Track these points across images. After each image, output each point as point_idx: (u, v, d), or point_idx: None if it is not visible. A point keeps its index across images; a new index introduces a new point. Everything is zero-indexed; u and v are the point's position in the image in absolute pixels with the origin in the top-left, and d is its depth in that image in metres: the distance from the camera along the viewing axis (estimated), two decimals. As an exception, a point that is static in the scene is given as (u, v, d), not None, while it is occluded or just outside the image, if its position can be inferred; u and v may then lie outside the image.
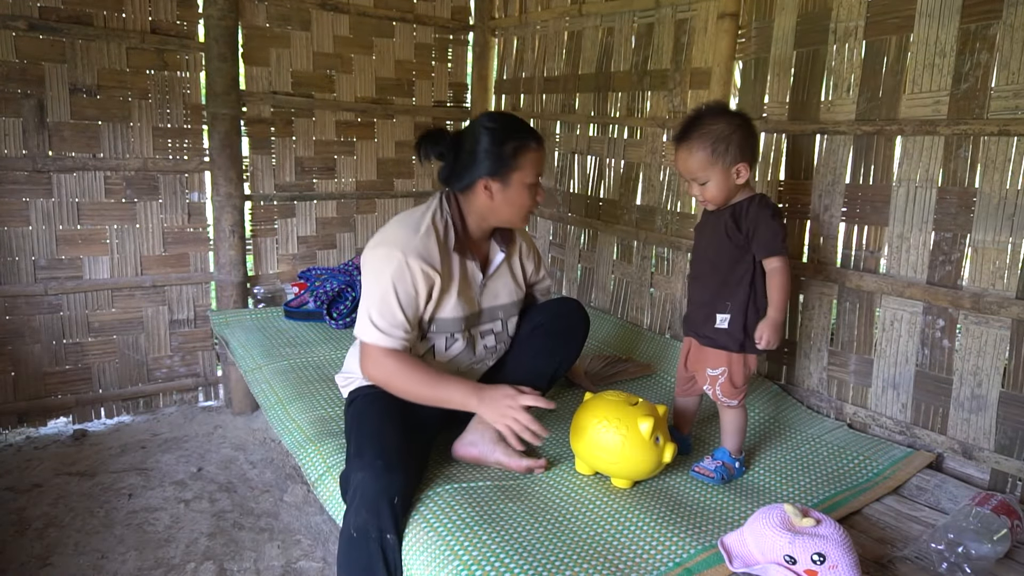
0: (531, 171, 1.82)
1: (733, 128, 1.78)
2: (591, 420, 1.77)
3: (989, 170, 1.94)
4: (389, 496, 1.56)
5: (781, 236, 1.79)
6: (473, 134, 1.82)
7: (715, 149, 1.77)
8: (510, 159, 1.79)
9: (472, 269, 1.93)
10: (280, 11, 3.32)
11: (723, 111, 1.85)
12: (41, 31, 2.80)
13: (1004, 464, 1.96)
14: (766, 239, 1.78)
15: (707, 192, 1.82)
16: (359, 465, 1.58)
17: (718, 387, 1.89)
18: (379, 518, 1.55)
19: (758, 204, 1.82)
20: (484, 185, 1.81)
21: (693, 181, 1.83)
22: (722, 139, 1.77)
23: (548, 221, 3.62)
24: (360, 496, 1.56)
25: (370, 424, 1.74)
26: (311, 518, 2.43)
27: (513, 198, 1.83)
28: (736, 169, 1.79)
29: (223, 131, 3.18)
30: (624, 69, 3.07)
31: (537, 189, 1.86)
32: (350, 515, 1.58)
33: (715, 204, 1.86)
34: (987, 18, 1.93)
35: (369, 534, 1.55)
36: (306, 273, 3.30)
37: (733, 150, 1.78)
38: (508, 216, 1.88)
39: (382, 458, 1.58)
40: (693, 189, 1.85)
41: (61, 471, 2.67)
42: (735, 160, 1.78)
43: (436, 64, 3.84)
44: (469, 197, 1.86)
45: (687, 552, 1.53)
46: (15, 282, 2.91)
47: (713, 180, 1.80)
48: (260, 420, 3.14)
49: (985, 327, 1.98)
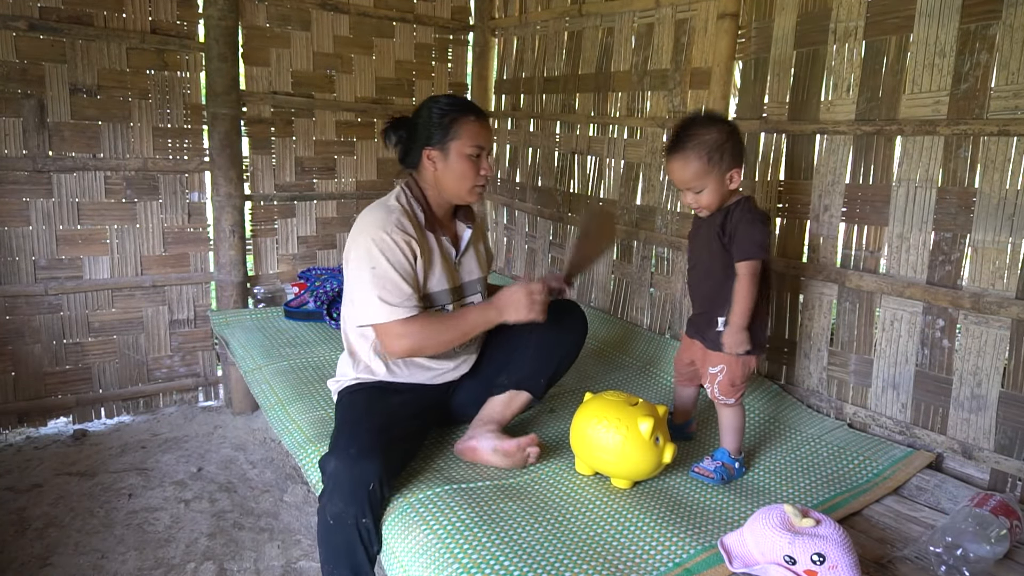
0: (468, 141, 1.88)
1: (725, 136, 1.81)
2: (591, 420, 1.77)
3: (989, 170, 1.94)
4: (364, 483, 1.58)
5: (758, 242, 1.80)
6: (419, 112, 1.94)
7: (711, 158, 1.79)
8: (448, 128, 1.88)
9: (446, 245, 1.99)
10: (280, 11, 3.32)
11: (712, 119, 1.87)
12: (41, 31, 2.81)
13: (1004, 464, 1.96)
14: (742, 243, 1.81)
15: (702, 199, 1.85)
16: (334, 454, 1.62)
17: (716, 384, 1.90)
18: (353, 505, 1.58)
19: (743, 208, 1.85)
20: (427, 155, 1.91)
21: (688, 190, 1.85)
22: (716, 148, 1.79)
23: (548, 221, 3.62)
24: (335, 484, 1.59)
25: (350, 416, 1.80)
26: (311, 518, 2.43)
27: (454, 167, 1.89)
28: (730, 175, 1.82)
29: (223, 131, 3.19)
30: (624, 69, 3.07)
31: (480, 162, 1.91)
32: (325, 502, 1.61)
33: (710, 210, 1.88)
34: (987, 18, 1.93)
35: (345, 521, 1.59)
36: (306, 273, 3.30)
37: (727, 158, 1.81)
38: (453, 188, 1.92)
39: (355, 446, 1.61)
40: (687, 197, 1.87)
41: (61, 471, 2.67)
42: (729, 167, 1.82)
43: (436, 64, 3.84)
44: (421, 173, 1.96)
45: (687, 552, 1.53)
46: (15, 282, 2.91)
47: (708, 188, 1.82)
48: (260, 420, 3.14)
49: (985, 327, 1.98)
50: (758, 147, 2.55)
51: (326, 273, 3.25)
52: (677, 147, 1.83)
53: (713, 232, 1.87)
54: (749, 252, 1.80)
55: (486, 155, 1.93)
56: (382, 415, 1.77)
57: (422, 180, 1.96)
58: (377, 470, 1.60)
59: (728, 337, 1.82)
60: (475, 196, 1.96)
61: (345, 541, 1.61)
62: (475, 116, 1.91)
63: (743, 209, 1.84)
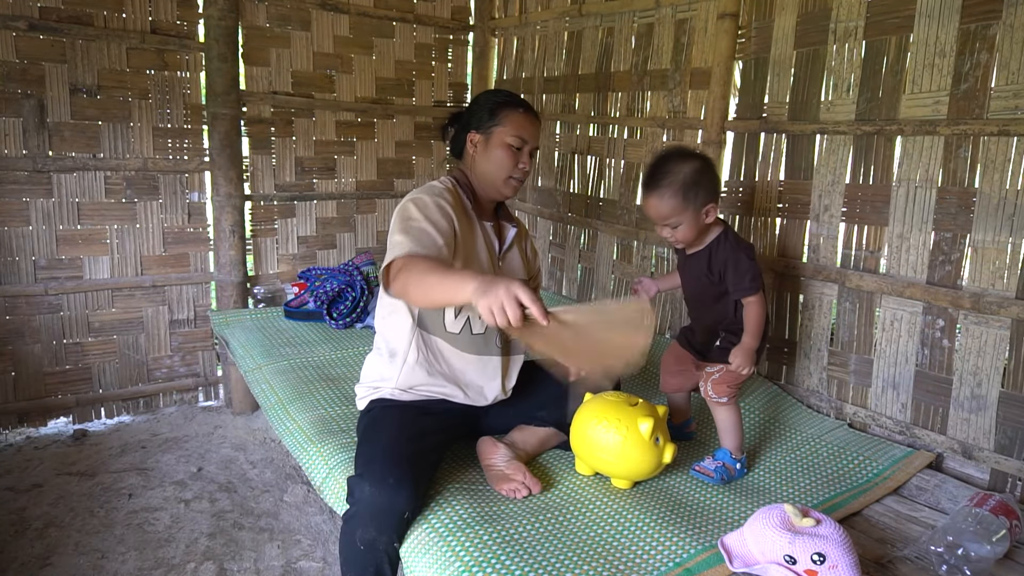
0: (512, 129, 1.86)
1: (700, 171, 1.84)
2: (591, 420, 1.77)
3: (989, 170, 1.94)
4: (399, 512, 1.56)
5: (750, 276, 1.84)
6: (474, 100, 1.99)
7: (686, 195, 1.82)
8: (495, 114, 1.88)
9: (490, 235, 1.95)
10: (280, 11, 3.32)
11: (687, 155, 1.88)
12: (41, 31, 2.80)
13: (1004, 464, 1.96)
14: (736, 283, 1.86)
15: (678, 234, 1.88)
16: (369, 481, 1.56)
17: (710, 383, 1.92)
18: (387, 534, 1.56)
19: (725, 245, 1.88)
20: (471, 139, 1.91)
21: (665, 225, 1.88)
22: (691, 184, 1.81)
23: (548, 221, 3.62)
24: (369, 512, 1.55)
25: (384, 435, 1.72)
26: (311, 518, 2.43)
27: (493, 153, 1.87)
28: (706, 210, 1.85)
29: (223, 131, 3.18)
30: (624, 69, 3.07)
31: (520, 155, 1.89)
32: (356, 527, 1.57)
33: (686, 243, 1.92)
34: (987, 18, 1.93)
35: (377, 547, 1.56)
36: (306, 273, 3.30)
37: (703, 193, 1.83)
38: (489, 175, 1.89)
39: (393, 475, 1.56)
40: (663, 231, 1.90)
41: (61, 471, 2.67)
42: (705, 202, 1.84)
43: (436, 64, 3.84)
44: (466, 161, 1.95)
45: (687, 552, 1.53)
46: (15, 282, 2.91)
47: (685, 223, 1.85)
48: (260, 420, 3.14)
49: (985, 327, 1.98)
50: (758, 147, 2.55)
51: (326, 273, 3.25)
52: (652, 184, 1.85)
53: (701, 271, 1.92)
54: (747, 290, 1.85)
55: (528, 151, 1.90)
56: (417, 441, 1.71)
57: (467, 169, 1.96)
58: (413, 500, 1.58)
59: (737, 357, 1.84)
60: (510, 189, 1.92)
61: (375, 565, 1.59)
62: (524, 109, 1.91)
63: (725, 246, 1.88)
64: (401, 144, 3.78)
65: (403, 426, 1.75)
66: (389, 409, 1.83)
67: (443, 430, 1.83)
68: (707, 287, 1.93)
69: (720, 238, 1.90)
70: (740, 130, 2.61)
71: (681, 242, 1.91)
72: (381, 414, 1.82)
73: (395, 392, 1.88)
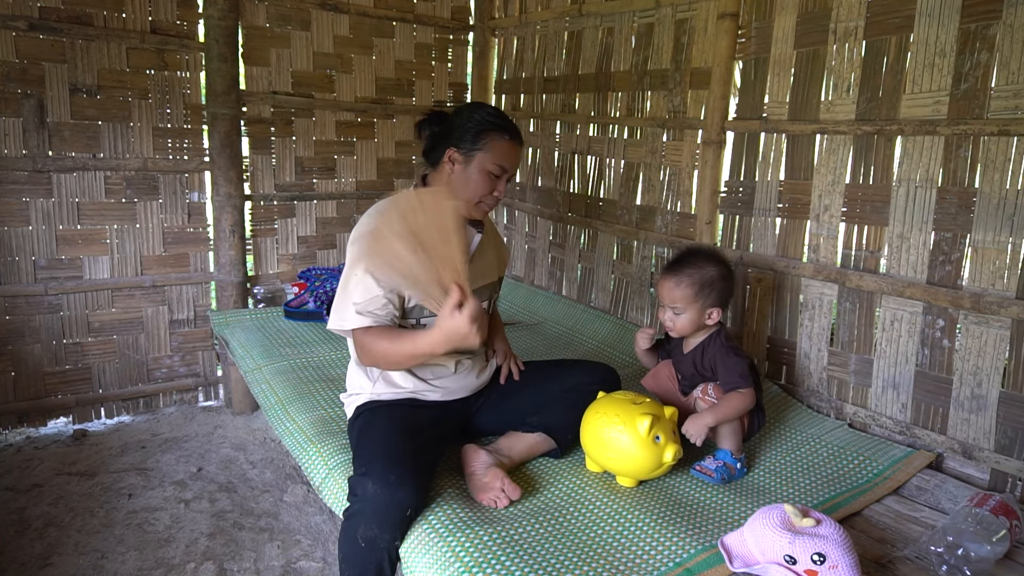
0: (494, 158, 1.82)
1: (720, 277, 1.95)
2: (597, 417, 1.79)
3: (989, 170, 1.94)
4: (402, 510, 1.56)
5: (737, 372, 1.91)
6: (459, 112, 1.90)
7: (700, 291, 1.93)
8: (479, 138, 1.83)
9: None
10: (280, 11, 3.32)
11: (715, 257, 2.00)
12: (41, 31, 2.80)
13: (1004, 464, 1.96)
14: (725, 377, 1.92)
15: (678, 322, 1.97)
16: (371, 479, 1.56)
17: (710, 387, 1.95)
18: (389, 531, 1.55)
19: (716, 344, 1.97)
20: (449, 156, 1.85)
21: (670, 308, 1.96)
22: (708, 283, 1.93)
23: (548, 221, 3.62)
24: (372, 510, 1.55)
25: (381, 434, 1.71)
26: (311, 518, 2.43)
27: (471, 178, 1.83)
28: (709, 312, 1.96)
29: (223, 131, 3.18)
30: (624, 69, 3.07)
31: (498, 182, 1.86)
32: (358, 525, 1.56)
33: (680, 334, 2.01)
34: (987, 18, 1.93)
35: (379, 545, 1.56)
36: (306, 273, 3.30)
37: (714, 295, 1.95)
38: (463, 197, 1.83)
39: (394, 472, 1.56)
40: (665, 314, 1.99)
41: (61, 471, 2.67)
42: (712, 304, 1.95)
43: (436, 64, 3.84)
44: (438, 172, 1.89)
45: (687, 552, 1.53)
46: (15, 282, 2.91)
47: (688, 314, 1.95)
48: (260, 420, 3.14)
49: (985, 327, 1.98)
50: (758, 147, 2.55)
51: (326, 273, 3.26)
52: (675, 269, 1.97)
53: (693, 367, 2.01)
54: (734, 384, 1.90)
55: (506, 179, 1.87)
56: (414, 437, 1.70)
57: (436, 181, 1.90)
58: (415, 497, 1.58)
59: (691, 425, 1.86)
60: (479, 213, 1.89)
61: (375, 563, 1.59)
62: (510, 137, 1.86)
63: (716, 345, 1.97)
64: (401, 144, 3.78)
65: (397, 423, 1.75)
66: (379, 409, 1.83)
67: (436, 425, 1.83)
68: (699, 379, 2.01)
69: (713, 336, 1.99)
70: (740, 130, 2.61)
71: (677, 331, 1.99)
72: (372, 416, 1.82)
73: (376, 395, 1.89)
